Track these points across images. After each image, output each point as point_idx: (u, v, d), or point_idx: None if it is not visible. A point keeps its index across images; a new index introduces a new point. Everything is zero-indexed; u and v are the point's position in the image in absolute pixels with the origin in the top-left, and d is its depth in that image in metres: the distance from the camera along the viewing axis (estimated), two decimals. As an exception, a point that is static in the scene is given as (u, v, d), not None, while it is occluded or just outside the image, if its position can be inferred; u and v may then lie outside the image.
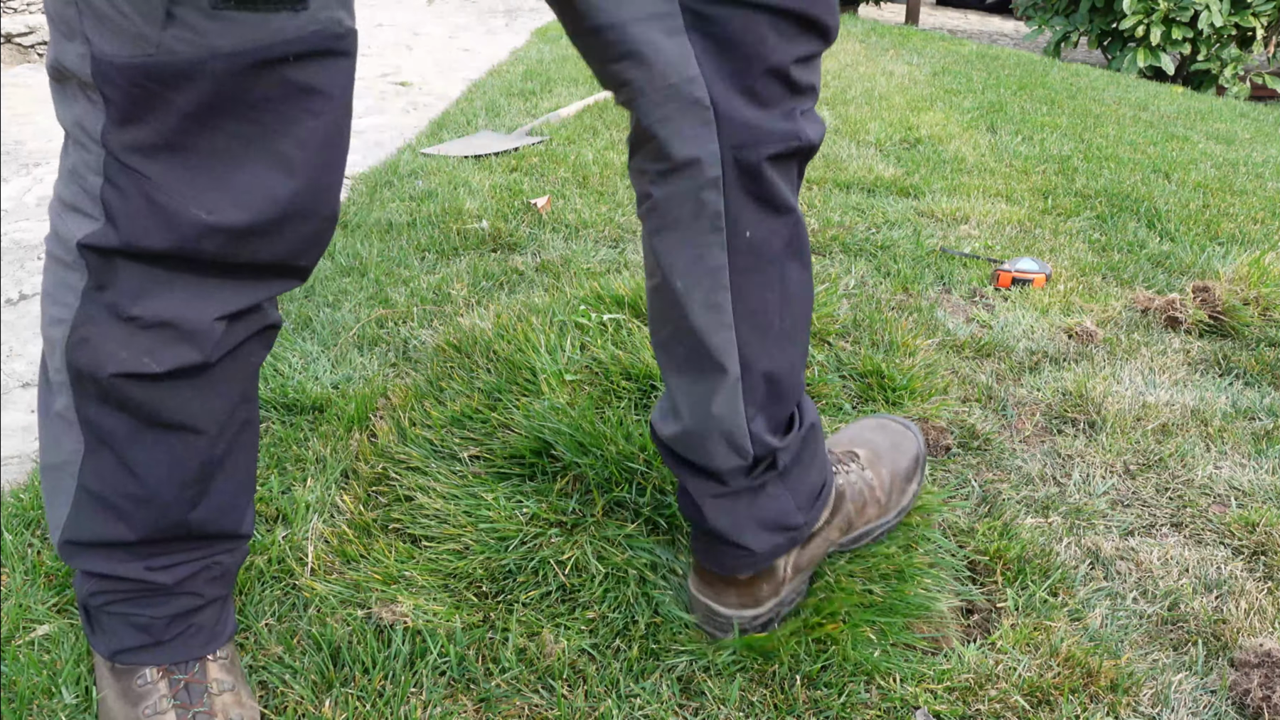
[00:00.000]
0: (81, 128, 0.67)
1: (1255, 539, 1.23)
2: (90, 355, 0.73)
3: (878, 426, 1.19)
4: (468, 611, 1.05)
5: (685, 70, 0.77)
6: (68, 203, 0.71)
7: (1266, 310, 1.90)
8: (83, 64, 0.64)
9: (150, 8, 0.60)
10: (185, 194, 0.67)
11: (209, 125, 0.65)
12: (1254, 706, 0.98)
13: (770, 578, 1.00)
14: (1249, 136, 3.87)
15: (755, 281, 0.86)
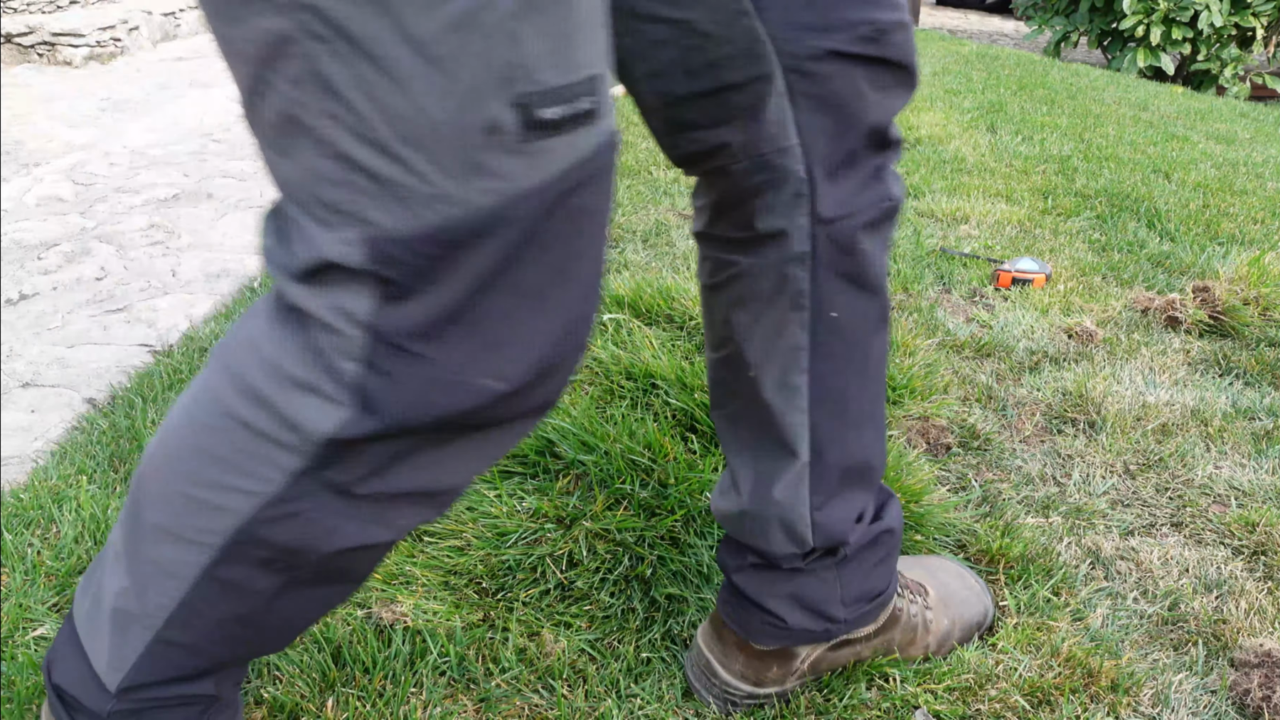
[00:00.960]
0: (341, 312, 0.54)
1: (1255, 539, 1.23)
2: (302, 532, 0.62)
3: (958, 574, 1.09)
4: (468, 610, 1.05)
5: (782, 139, 0.72)
6: (300, 382, 0.57)
7: (1266, 310, 1.90)
8: (350, 250, 0.52)
9: (459, 161, 0.49)
10: (475, 367, 0.55)
11: (505, 283, 0.53)
12: (1254, 706, 0.98)
13: (784, 661, 0.93)
14: (1249, 136, 3.87)
15: (838, 365, 0.81)
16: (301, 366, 0.57)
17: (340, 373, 0.56)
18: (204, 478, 0.63)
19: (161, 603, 0.67)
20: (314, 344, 0.56)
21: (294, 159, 0.52)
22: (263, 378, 0.59)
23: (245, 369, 0.60)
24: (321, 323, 0.55)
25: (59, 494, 1.23)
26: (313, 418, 0.57)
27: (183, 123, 3.38)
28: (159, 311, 1.89)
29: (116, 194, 2.60)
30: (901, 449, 1.36)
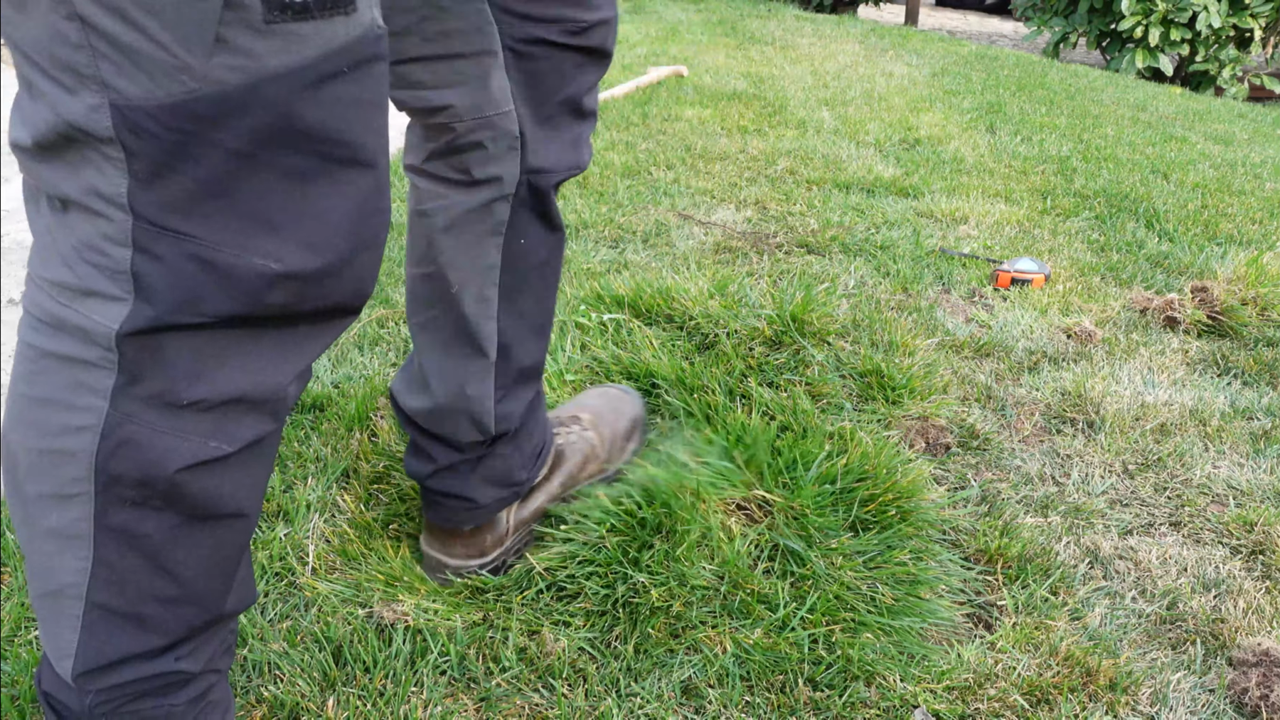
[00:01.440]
0: (96, 194, 0.55)
1: (1253, 538, 1.24)
2: (139, 457, 0.62)
3: (599, 394, 1.31)
4: (467, 610, 1.05)
5: (504, 104, 0.87)
6: (78, 288, 0.58)
7: (1264, 310, 1.91)
8: (96, 117, 0.52)
9: (198, 33, 0.50)
10: (244, 245, 0.56)
11: (263, 162, 0.55)
12: (1252, 705, 0.98)
13: (493, 529, 1.10)
14: (1247, 137, 3.87)
15: (521, 282, 0.98)
16: (76, 270, 0.57)
17: (115, 263, 0.56)
18: (48, 426, 0.62)
19: (76, 567, 0.66)
20: (81, 237, 0.56)
21: (31, 16, 0.51)
22: (49, 301, 0.59)
23: (35, 302, 0.61)
24: (83, 208, 0.55)
25: (60, 494, 1.23)
26: (100, 320, 0.57)
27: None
28: (159, 312, 1.90)
29: (116, 195, 2.60)
30: (896, 446, 1.37)
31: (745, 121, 3.40)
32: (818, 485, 1.20)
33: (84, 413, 0.61)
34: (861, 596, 1.08)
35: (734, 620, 1.05)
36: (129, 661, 0.70)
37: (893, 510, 1.19)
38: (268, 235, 0.56)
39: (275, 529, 1.17)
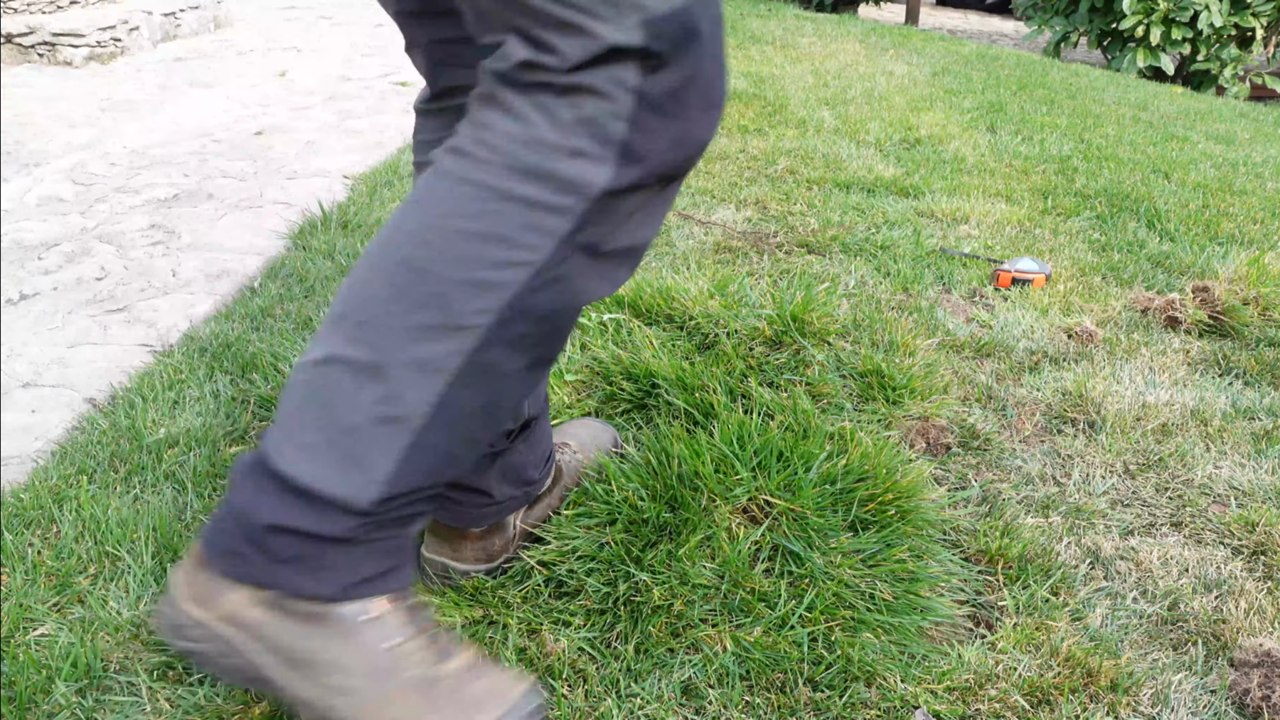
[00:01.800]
0: (615, 81, 0.70)
1: (1255, 539, 1.23)
2: (561, 294, 0.74)
3: (581, 424, 1.33)
4: (467, 608, 1.05)
5: None
6: (566, 148, 0.71)
7: (1266, 310, 1.90)
8: (635, 34, 0.69)
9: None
10: (700, 123, 0.74)
11: (714, 59, 0.73)
12: (1253, 706, 0.98)
13: (502, 532, 1.09)
14: (1248, 137, 3.87)
15: None
16: (570, 135, 0.71)
17: (609, 134, 0.71)
18: (483, 259, 0.72)
19: (424, 399, 0.74)
20: (586, 113, 0.71)
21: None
22: (532, 156, 0.71)
23: (509, 155, 0.72)
24: (598, 93, 0.70)
25: (59, 494, 1.23)
26: (587, 177, 0.71)
27: (182, 123, 3.38)
28: (159, 312, 1.90)
29: (117, 194, 2.60)
30: (896, 446, 1.37)
31: (745, 121, 3.39)
32: (818, 486, 1.20)
33: (527, 250, 0.72)
34: (860, 594, 1.07)
35: (734, 618, 1.05)
36: (423, 490, 0.78)
37: (892, 510, 1.18)
38: (708, 113, 0.74)
39: (275, 529, 1.17)
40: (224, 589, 0.80)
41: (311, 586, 0.80)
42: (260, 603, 0.81)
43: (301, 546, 0.79)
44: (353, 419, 0.76)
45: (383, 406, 0.75)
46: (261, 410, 1.45)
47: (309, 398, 0.78)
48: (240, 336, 1.67)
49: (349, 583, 0.81)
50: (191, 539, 1.15)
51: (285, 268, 2.00)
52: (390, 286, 0.74)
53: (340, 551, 0.79)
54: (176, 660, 0.99)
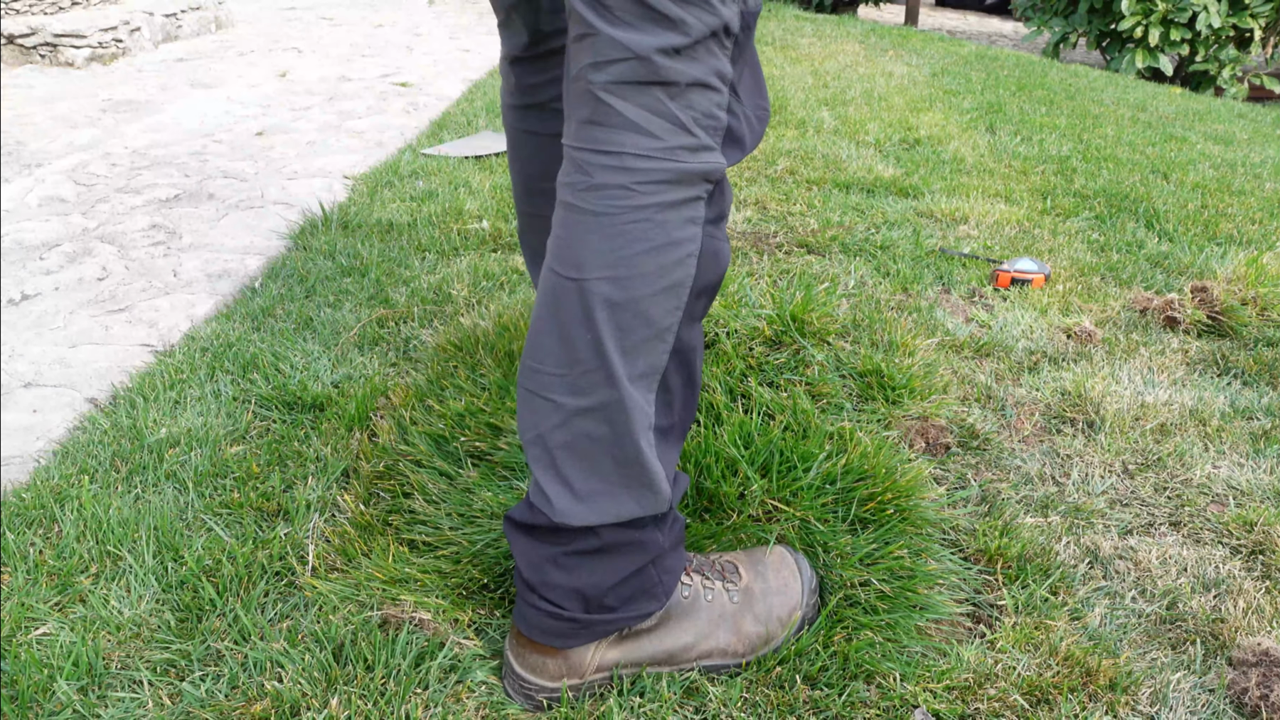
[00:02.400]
0: (719, 75, 0.81)
1: (1253, 538, 1.24)
2: (717, 264, 0.87)
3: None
4: (471, 608, 1.05)
5: None
6: (697, 146, 0.82)
7: (1264, 310, 1.91)
8: (736, 18, 0.79)
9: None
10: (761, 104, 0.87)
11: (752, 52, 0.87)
12: (1251, 705, 0.98)
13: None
14: (1247, 137, 3.87)
15: None
16: (695, 133, 0.81)
17: (717, 123, 0.82)
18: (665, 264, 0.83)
19: (649, 400, 0.87)
20: (700, 109, 0.81)
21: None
22: (670, 164, 0.81)
23: (652, 173, 0.81)
24: (706, 87, 0.80)
25: (61, 493, 1.23)
26: (711, 167, 0.82)
27: (183, 123, 3.38)
28: (160, 312, 1.90)
29: (118, 194, 2.60)
30: (895, 445, 1.37)
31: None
32: (819, 487, 1.20)
33: (690, 242, 0.84)
34: (859, 591, 1.08)
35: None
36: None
37: (891, 509, 1.19)
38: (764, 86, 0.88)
39: (275, 528, 1.17)
40: (582, 655, 0.95)
41: (650, 606, 0.95)
42: (614, 644, 0.96)
43: (638, 581, 0.93)
44: (627, 450, 0.87)
45: (643, 422, 0.87)
46: (261, 410, 1.45)
47: (577, 452, 0.87)
48: (241, 336, 1.67)
49: (672, 580, 0.96)
50: (193, 539, 1.16)
51: (286, 268, 2.00)
52: (595, 328, 0.83)
53: (663, 559, 0.94)
54: (178, 658, 0.99)
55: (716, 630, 1.00)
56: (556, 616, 0.92)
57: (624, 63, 0.77)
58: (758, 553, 1.09)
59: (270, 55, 4.74)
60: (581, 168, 0.82)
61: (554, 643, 0.93)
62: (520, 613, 0.95)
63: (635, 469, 0.88)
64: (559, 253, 0.84)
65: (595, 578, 0.91)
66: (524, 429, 0.90)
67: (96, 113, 3.51)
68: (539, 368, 0.87)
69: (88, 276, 2.06)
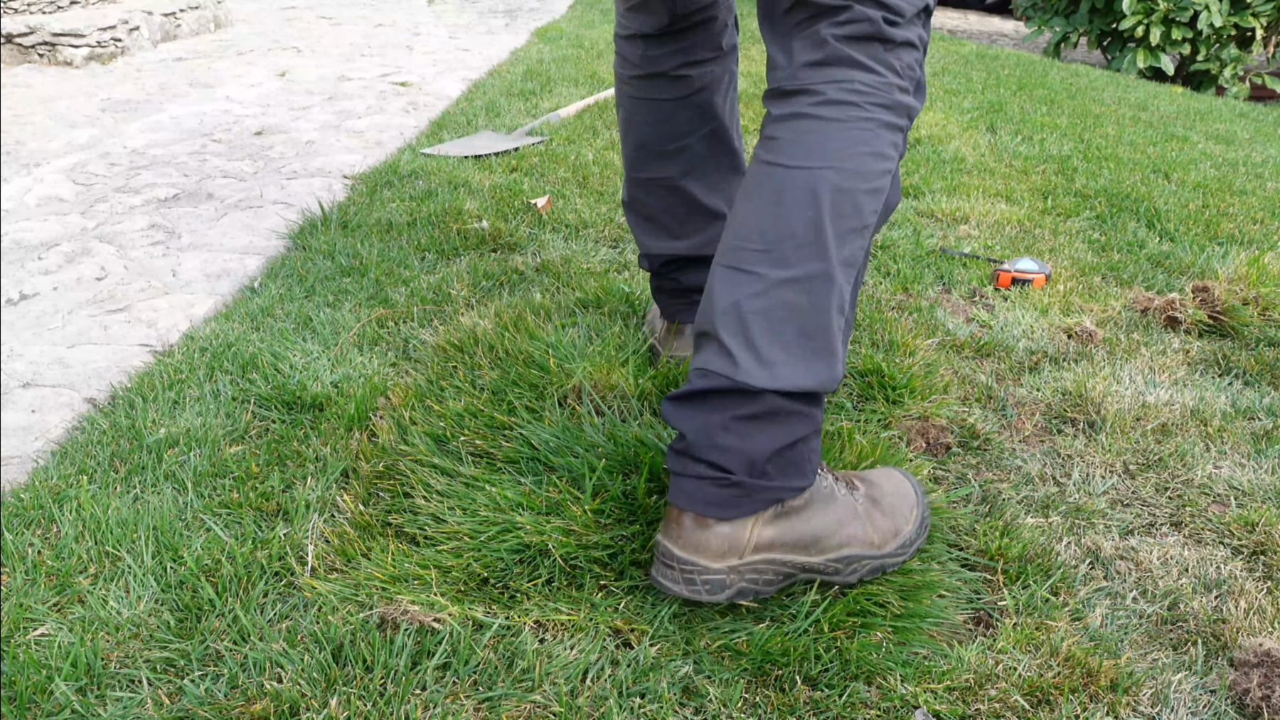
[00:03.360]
0: (920, 39, 1.04)
1: (1255, 538, 1.23)
2: (895, 193, 1.07)
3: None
4: (470, 604, 1.05)
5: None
6: (903, 88, 1.03)
7: (1266, 310, 1.90)
8: (929, 2, 1.04)
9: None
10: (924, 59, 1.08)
11: None
12: (1253, 706, 0.98)
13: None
14: (1248, 137, 3.87)
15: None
16: (902, 79, 1.03)
17: (917, 75, 1.05)
18: (872, 172, 1.00)
19: (850, 289, 1.01)
20: (906, 63, 1.03)
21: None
22: (888, 96, 1.01)
23: (876, 97, 1.01)
24: (913, 45, 1.03)
25: (60, 494, 1.23)
26: (913, 106, 1.04)
27: (183, 123, 3.38)
28: (159, 312, 1.90)
29: (117, 194, 2.60)
30: (891, 443, 1.37)
31: (745, 121, 3.39)
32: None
33: (890, 160, 1.01)
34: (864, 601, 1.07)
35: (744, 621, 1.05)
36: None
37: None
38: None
39: (274, 528, 1.17)
40: (738, 530, 0.99)
41: (801, 480, 1.02)
42: (768, 521, 1.01)
43: (793, 454, 1.00)
44: (819, 321, 0.98)
45: (838, 302, 0.99)
46: (261, 410, 1.45)
47: (772, 319, 0.97)
48: (240, 336, 1.67)
49: (817, 460, 1.04)
50: (192, 539, 1.15)
51: (285, 268, 2.00)
52: (819, 209, 0.97)
53: (815, 438, 1.02)
54: (177, 657, 0.99)
55: (852, 521, 1.07)
56: (721, 483, 0.98)
57: (857, 23, 0.99)
58: (865, 471, 1.18)
59: (270, 55, 4.74)
60: (813, 91, 1.00)
61: (717, 512, 0.99)
62: (680, 489, 1.00)
63: (821, 342, 0.98)
64: (785, 150, 1.00)
65: (760, 443, 0.98)
66: (718, 300, 0.99)
67: (95, 112, 3.51)
68: (743, 245, 0.99)
69: (86, 276, 2.06)
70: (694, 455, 0.99)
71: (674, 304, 1.50)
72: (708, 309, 1.01)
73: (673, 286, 1.49)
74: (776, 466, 0.99)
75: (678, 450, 1.01)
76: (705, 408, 0.98)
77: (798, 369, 0.97)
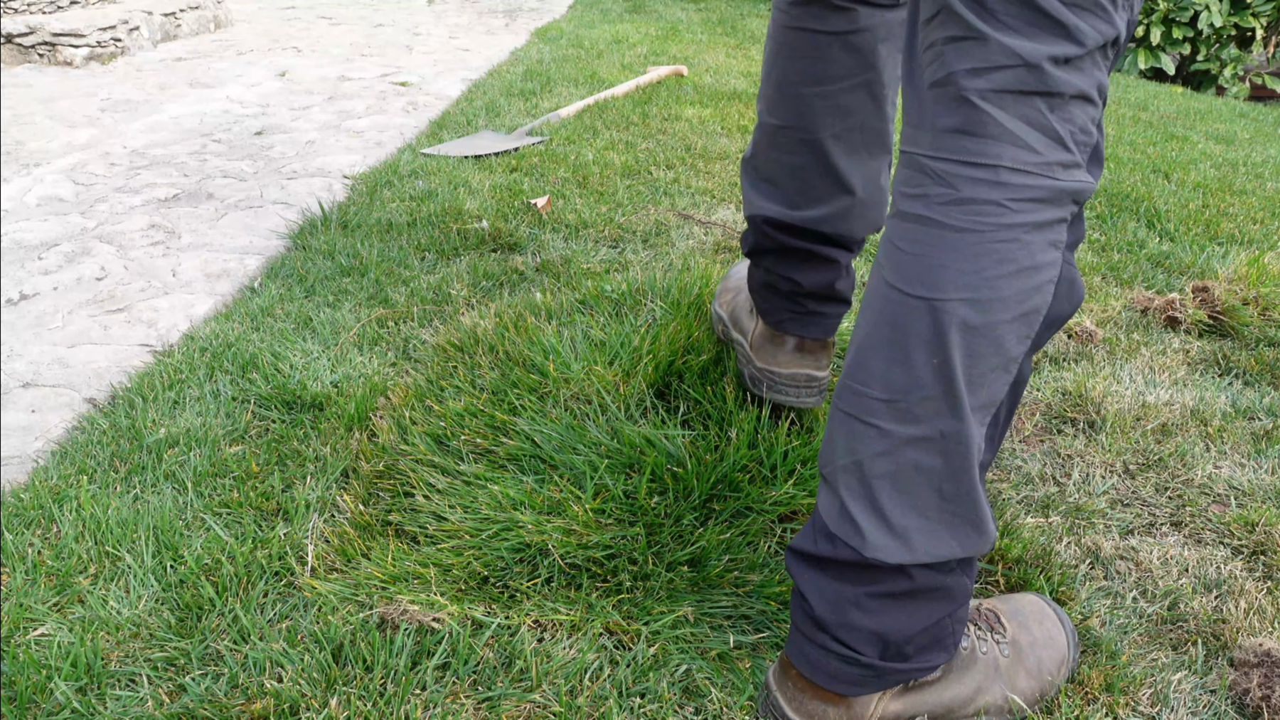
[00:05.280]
0: (1097, 87, 0.76)
1: (1255, 538, 1.23)
2: (1073, 293, 0.82)
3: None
4: (470, 603, 1.05)
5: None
6: (1071, 163, 0.77)
7: (1266, 310, 1.90)
8: (1125, 29, 0.75)
9: None
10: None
11: None
12: (1253, 706, 0.98)
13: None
14: (1248, 137, 3.87)
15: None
16: (1071, 149, 0.76)
17: (1089, 139, 0.77)
18: (1023, 291, 0.78)
19: (982, 435, 0.82)
20: (1078, 124, 0.76)
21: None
22: (1044, 181, 0.76)
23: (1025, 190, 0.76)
24: (1084, 99, 0.76)
25: (59, 494, 1.23)
26: (1081, 186, 0.77)
27: (183, 123, 3.38)
28: (159, 311, 1.90)
29: (117, 194, 2.60)
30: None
31: (745, 121, 3.39)
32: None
33: (1050, 268, 0.78)
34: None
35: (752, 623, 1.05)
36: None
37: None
38: None
39: (274, 528, 1.17)
40: (865, 705, 0.88)
41: (942, 657, 0.88)
42: (897, 695, 0.89)
43: (936, 630, 0.87)
44: (959, 485, 0.82)
45: (976, 461, 0.81)
46: (261, 410, 1.45)
47: (900, 483, 0.82)
48: (240, 336, 1.67)
49: (961, 630, 0.90)
50: (192, 539, 1.15)
51: (285, 267, 2.00)
52: (946, 353, 0.78)
53: (964, 608, 0.88)
54: (177, 656, 0.99)
55: (993, 684, 0.94)
56: (851, 661, 0.86)
57: (1009, 70, 0.74)
58: (1014, 601, 1.04)
59: (270, 55, 4.74)
60: (944, 179, 0.78)
61: (841, 690, 0.87)
62: (802, 653, 0.88)
63: (964, 505, 0.83)
64: (905, 269, 0.79)
65: (900, 623, 0.85)
66: (837, 454, 0.84)
67: (95, 112, 3.51)
68: (863, 390, 0.82)
69: (86, 276, 2.06)
70: (817, 621, 0.86)
71: (783, 307, 1.29)
72: (829, 454, 0.86)
73: (788, 288, 1.26)
74: (916, 647, 0.86)
75: (804, 611, 0.88)
76: (832, 579, 0.85)
77: (940, 537, 0.83)
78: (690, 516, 1.16)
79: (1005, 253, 0.76)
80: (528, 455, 1.27)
